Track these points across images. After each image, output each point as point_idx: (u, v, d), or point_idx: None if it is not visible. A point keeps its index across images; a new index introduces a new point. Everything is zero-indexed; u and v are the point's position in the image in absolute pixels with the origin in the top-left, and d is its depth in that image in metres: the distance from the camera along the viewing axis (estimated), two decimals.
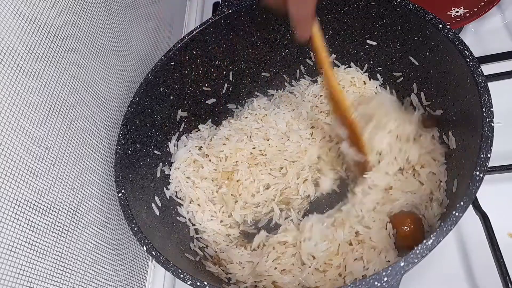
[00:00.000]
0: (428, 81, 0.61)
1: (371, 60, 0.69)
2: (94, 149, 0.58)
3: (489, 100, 0.45)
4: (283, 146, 0.65)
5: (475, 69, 0.48)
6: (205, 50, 0.69)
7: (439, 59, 0.56)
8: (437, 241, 0.39)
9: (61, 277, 0.48)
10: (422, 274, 0.56)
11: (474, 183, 0.41)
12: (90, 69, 0.59)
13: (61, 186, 0.50)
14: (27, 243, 0.43)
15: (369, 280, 0.38)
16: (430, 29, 0.55)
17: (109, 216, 0.60)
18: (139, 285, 0.65)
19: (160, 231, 0.57)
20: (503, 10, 0.78)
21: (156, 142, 0.66)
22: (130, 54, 0.70)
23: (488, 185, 0.47)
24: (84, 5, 0.58)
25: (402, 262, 0.39)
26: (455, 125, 0.55)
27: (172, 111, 0.69)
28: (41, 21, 0.49)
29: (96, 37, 0.60)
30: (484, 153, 0.42)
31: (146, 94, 0.63)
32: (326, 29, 0.69)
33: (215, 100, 0.74)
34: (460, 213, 0.40)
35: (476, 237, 0.55)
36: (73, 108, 0.54)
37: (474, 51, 0.50)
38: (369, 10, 0.63)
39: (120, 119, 0.61)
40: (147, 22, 0.79)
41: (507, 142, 0.58)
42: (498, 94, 0.52)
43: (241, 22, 0.68)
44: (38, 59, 0.48)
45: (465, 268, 0.55)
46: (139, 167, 0.61)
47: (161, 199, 0.64)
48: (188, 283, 0.45)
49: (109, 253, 0.58)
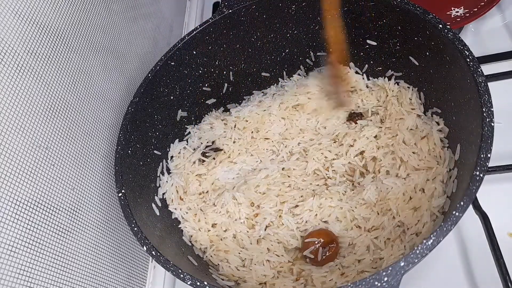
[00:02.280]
0: (428, 81, 0.61)
1: (371, 60, 0.69)
2: (94, 149, 0.58)
3: (489, 100, 0.45)
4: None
5: (475, 69, 0.48)
6: (205, 50, 0.69)
7: (439, 59, 0.56)
8: (437, 241, 0.39)
9: (61, 277, 0.48)
10: (422, 274, 0.56)
11: (474, 183, 0.41)
12: (90, 69, 0.59)
13: (61, 186, 0.50)
14: (27, 243, 0.43)
15: (369, 280, 0.38)
16: (430, 29, 0.55)
17: (109, 216, 0.60)
18: (139, 285, 0.65)
19: (160, 231, 0.57)
20: (503, 10, 0.78)
21: (156, 142, 0.66)
22: (130, 54, 0.70)
23: (488, 185, 0.47)
24: (84, 5, 0.58)
25: (402, 262, 0.39)
26: (455, 125, 0.55)
27: (172, 111, 0.69)
28: (41, 21, 0.49)
29: (96, 37, 0.60)
30: (484, 153, 0.42)
31: (146, 94, 0.63)
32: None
33: (215, 100, 0.74)
34: (460, 213, 0.40)
35: (476, 237, 0.55)
36: (73, 108, 0.54)
37: (474, 51, 0.50)
38: (369, 10, 0.63)
39: (120, 119, 0.61)
40: (147, 22, 0.79)
41: (507, 142, 0.59)
42: (498, 94, 0.52)
43: (241, 22, 0.68)
44: (38, 59, 0.48)
45: (465, 268, 0.55)
46: (139, 167, 0.61)
47: (161, 199, 0.64)
48: (188, 283, 0.45)
49: (109, 253, 0.58)
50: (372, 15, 0.63)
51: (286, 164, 0.64)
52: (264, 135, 0.69)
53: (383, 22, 0.63)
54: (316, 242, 0.55)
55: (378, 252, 0.54)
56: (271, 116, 0.69)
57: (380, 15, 0.62)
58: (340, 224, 0.57)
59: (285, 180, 0.63)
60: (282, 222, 0.59)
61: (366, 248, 0.54)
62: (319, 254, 0.54)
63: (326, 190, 0.60)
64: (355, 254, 0.55)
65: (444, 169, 0.54)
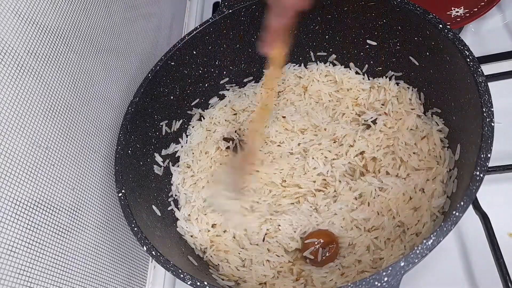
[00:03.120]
0: (428, 81, 0.61)
1: (371, 60, 0.69)
2: (94, 149, 0.58)
3: (489, 100, 0.45)
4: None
5: (475, 69, 0.48)
6: (205, 50, 0.69)
7: (439, 59, 0.56)
8: (437, 241, 0.39)
9: (61, 277, 0.48)
10: (423, 274, 0.56)
11: (474, 183, 0.41)
12: (90, 69, 0.59)
13: (61, 186, 0.50)
14: (27, 243, 0.43)
15: (369, 280, 0.38)
16: (430, 29, 0.55)
17: (109, 216, 0.60)
18: (139, 285, 0.65)
19: (160, 231, 0.57)
20: (503, 10, 0.78)
21: (156, 142, 0.66)
22: (130, 54, 0.70)
23: (488, 185, 0.47)
24: (84, 5, 0.58)
25: (402, 262, 0.39)
26: (455, 125, 0.55)
27: (172, 111, 0.69)
28: (41, 21, 0.49)
29: (96, 37, 0.60)
30: (484, 153, 0.42)
31: (146, 94, 0.63)
32: (327, 29, 0.69)
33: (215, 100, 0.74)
34: (460, 213, 0.40)
35: (476, 237, 0.55)
36: (73, 108, 0.54)
37: (474, 51, 0.50)
38: (369, 10, 0.63)
39: (120, 119, 0.61)
40: (147, 22, 0.79)
41: (507, 142, 0.59)
42: (498, 94, 0.52)
43: (241, 22, 0.68)
44: (38, 59, 0.48)
45: (465, 268, 0.55)
46: (139, 167, 0.61)
47: (161, 199, 0.64)
48: (188, 283, 0.45)
49: (109, 253, 0.58)
50: (372, 15, 0.63)
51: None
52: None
53: (383, 22, 0.63)
54: (316, 242, 0.55)
55: (378, 252, 0.54)
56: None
57: (380, 15, 0.62)
58: (340, 224, 0.57)
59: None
60: (279, 227, 0.59)
61: (366, 248, 0.54)
62: (319, 254, 0.54)
63: (326, 190, 0.60)
64: (355, 254, 0.55)
65: (444, 169, 0.54)
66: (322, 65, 0.73)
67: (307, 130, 0.67)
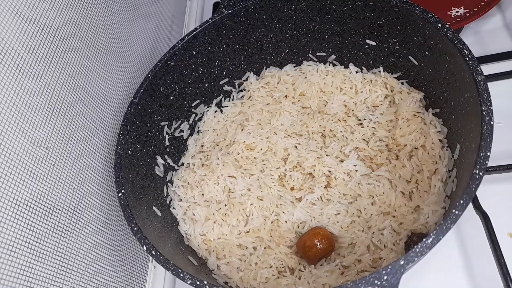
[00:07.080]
0: (428, 80, 0.61)
1: (370, 60, 0.69)
2: (94, 149, 0.58)
3: (488, 99, 0.45)
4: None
5: (474, 67, 0.48)
6: (205, 51, 0.69)
7: (438, 58, 0.56)
8: (437, 239, 0.39)
9: (61, 277, 0.48)
10: (423, 274, 0.56)
11: (474, 181, 0.41)
12: (90, 69, 0.59)
13: (61, 186, 0.50)
14: (27, 243, 0.43)
15: (369, 279, 0.38)
16: (429, 28, 0.55)
17: (109, 216, 0.60)
18: (139, 285, 0.65)
19: (160, 231, 0.57)
20: (503, 10, 0.78)
21: (156, 142, 0.66)
22: (130, 54, 0.71)
23: (488, 185, 0.48)
24: (84, 5, 0.58)
25: (402, 260, 0.39)
26: (454, 125, 0.55)
27: (172, 112, 0.69)
28: (41, 21, 0.49)
29: (96, 37, 0.60)
30: (483, 152, 0.42)
31: (146, 94, 0.63)
32: (326, 29, 0.69)
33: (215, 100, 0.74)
34: (460, 212, 0.40)
35: (476, 237, 0.55)
36: (73, 108, 0.54)
37: (474, 51, 0.50)
38: (368, 10, 0.63)
39: (120, 119, 0.61)
40: (147, 22, 0.80)
41: (507, 142, 0.59)
42: (498, 94, 0.53)
43: (241, 22, 0.68)
44: (38, 59, 0.48)
45: (466, 268, 0.55)
46: (139, 167, 0.61)
47: (161, 199, 0.64)
48: (188, 283, 0.45)
49: (109, 253, 0.58)
50: (371, 15, 0.63)
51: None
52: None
53: (382, 21, 0.63)
54: (306, 237, 0.55)
55: (378, 252, 0.54)
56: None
57: (379, 14, 0.62)
58: (340, 225, 0.57)
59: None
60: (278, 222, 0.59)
61: (366, 247, 0.54)
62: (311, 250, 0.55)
63: (326, 190, 0.60)
64: (355, 254, 0.54)
65: (444, 168, 0.54)
66: (321, 65, 0.73)
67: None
